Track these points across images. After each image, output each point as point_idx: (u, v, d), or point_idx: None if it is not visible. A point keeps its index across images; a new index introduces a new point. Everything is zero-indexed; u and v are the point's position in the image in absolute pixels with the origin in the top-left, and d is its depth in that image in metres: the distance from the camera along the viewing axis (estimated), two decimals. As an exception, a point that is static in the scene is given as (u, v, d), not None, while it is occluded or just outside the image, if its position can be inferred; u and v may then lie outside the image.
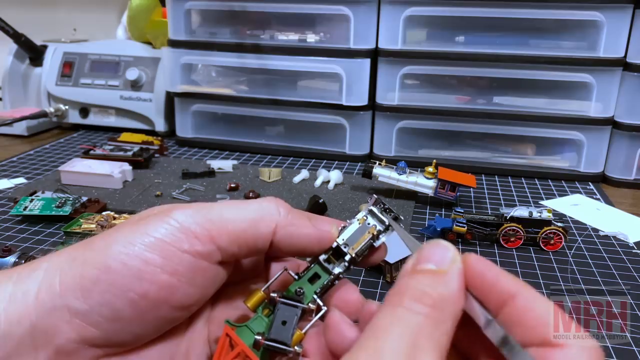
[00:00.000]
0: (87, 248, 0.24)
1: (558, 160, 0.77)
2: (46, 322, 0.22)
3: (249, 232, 0.25)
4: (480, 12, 0.71)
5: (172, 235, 0.24)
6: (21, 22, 0.97)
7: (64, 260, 0.24)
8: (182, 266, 0.24)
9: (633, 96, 0.71)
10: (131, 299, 0.23)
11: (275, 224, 0.26)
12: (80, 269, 0.23)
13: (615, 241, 0.54)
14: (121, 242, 0.24)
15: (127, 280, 0.23)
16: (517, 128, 0.75)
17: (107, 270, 0.23)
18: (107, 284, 0.23)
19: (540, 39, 0.74)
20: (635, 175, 0.74)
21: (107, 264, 0.23)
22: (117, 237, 0.24)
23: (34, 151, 0.82)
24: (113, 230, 0.25)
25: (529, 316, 0.20)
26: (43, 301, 0.23)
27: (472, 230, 0.52)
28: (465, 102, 0.77)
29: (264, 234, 0.26)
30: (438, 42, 0.77)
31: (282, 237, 0.26)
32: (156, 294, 0.23)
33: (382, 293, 0.43)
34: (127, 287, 0.23)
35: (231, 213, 0.25)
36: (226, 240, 0.25)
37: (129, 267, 0.23)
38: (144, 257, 0.23)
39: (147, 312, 0.23)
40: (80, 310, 0.23)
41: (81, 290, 0.23)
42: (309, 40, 0.79)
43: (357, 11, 0.74)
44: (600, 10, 0.68)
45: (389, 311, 0.20)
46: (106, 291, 0.23)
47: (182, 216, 0.25)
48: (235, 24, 0.83)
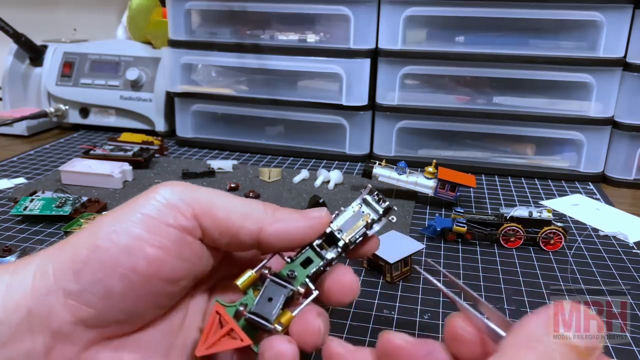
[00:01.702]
0: (77, 233, 0.25)
1: (558, 160, 0.77)
2: (42, 307, 0.23)
3: (232, 223, 0.26)
4: (480, 12, 0.71)
5: (158, 211, 0.25)
6: (21, 22, 0.97)
7: (56, 248, 0.25)
8: (169, 240, 0.25)
9: (633, 96, 0.71)
10: (122, 274, 0.24)
11: (261, 224, 0.26)
12: (71, 252, 0.24)
13: (615, 241, 0.54)
14: (109, 222, 0.25)
15: (116, 256, 0.24)
16: (517, 128, 0.75)
17: (96, 249, 0.24)
18: (97, 262, 0.24)
19: (540, 39, 0.74)
20: (635, 175, 0.74)
21: (96, 244, 0.24)
22: (106, 218, 0.25)
23: (34, 151, 0.82)
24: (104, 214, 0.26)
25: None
26: (38, 287, 0.23)
27: (472, 230, 0.52)
28: (465, 102, 0.77)
29: (248, 229, 0.26)
30: (438, 42, 0.77)
31: (272, 235, 0.26)
32: (145, 268, 0.24)
33: (382, 293, 0.43)
34: (117, 263, 0.24)
35: (219, 200, 0.26)
36: (209, 223, 0.26)
37: (117, 244, 0.24)
38: (131, 233, 0.24)
39: (138, 286, 0.24)
40: (73, 291, 0.23)
41: (73, 272, 0.24)
42: (309, 41, 0.79)
43: (357, 11, 0.74)
44: (600, 10, 0.68)
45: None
46: (97, 270, 0.24)
47: (168, 192, 0.26)
48: (235, 24, 0.83)
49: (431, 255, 0.50)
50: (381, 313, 0.40)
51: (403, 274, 0.45)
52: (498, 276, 0.47)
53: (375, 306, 0.41)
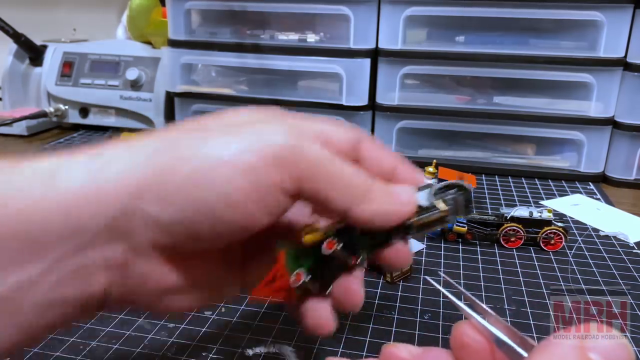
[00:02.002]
0: (176, 154, 0.23)
1: (558, 160, 0.77)
2: (123, 221, 0.22)
3: (327, 195, 0.25)
4: (481, 12, 0.71)
5: (265, 162, 0.23)
6: (21, 22, 0.97)
7: (148, 165, 0.23)
8: (267, 196, 0.23)
9: (633, 96, 0.70)
10: (212, 218, 0.23)
11: (351, 202, 0.25)
12: (169, 177, 0.22)
13: (615, 241, 0.54)
14: (214, 156, 0.23)
15: (213, 202, 0.22)
16: (517, 128, 0.75)
17: (193, 187, 0.22)
18: (192, 201, 0.22)
19: (541, 38, 0.74)
20: (636, 175, 0.74)
21: (196, 182, 0.22)
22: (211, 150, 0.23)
23: (34, 151, 0.82)
24: (209, 136, 0.23)
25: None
26: (122, 199, 0.22)
27: (472, 230, 0.52)
28: (466, 102, 0.77)
29: (338, 205, 0.25)
30: (438, 42, 0.77)
31: (357, 216, 0.26)
32: (238, 221, 0.23)
33: (382, 293, 0.43)
34: (212, 207, 0.22)
35: (327, 167, 0.25)
36: (307, 189, 0.24)
37: (217, 190, 0.22)
38: (235, 183, 0.22)
39: (222, 234, 0.23)
40: (158, 219, 0.22)
41: (164, 201, 0.22)
42: (309, 40, 0.79)
43: (357, 11, 0.74)
44: (600, 10, 0.68)
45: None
46: (188, 206, 0.22)
47: (280, 138, 0.24)
48: (235, 24, 0.83)
49: (431, 255, 0.50)
50: (381, 313, 0.40)
51: (403, 274, 0.45)
52: (498, 276, 0.47)
53: (375, 306, 0.41)
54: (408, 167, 0.30)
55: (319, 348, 0.36)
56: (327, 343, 0.36)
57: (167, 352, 0.35)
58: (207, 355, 0.35)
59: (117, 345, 0.36)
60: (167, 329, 0.38)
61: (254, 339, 0.37)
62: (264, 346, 0.36)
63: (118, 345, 0.36)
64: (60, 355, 0.35)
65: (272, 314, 0.40)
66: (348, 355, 0.35)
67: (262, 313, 0.40)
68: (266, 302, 0.27)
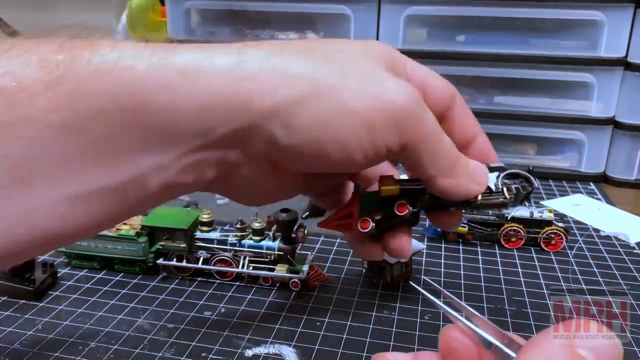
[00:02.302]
0: (312, 91, 0.24)
1: (559, 160, 0.76)
2: (248, 133, 0.24)
3: (423, 165, 0.28)
4: (481, 12, 0.71)
5: (382, 119, 0.25)
6: (20, 21, 0.97)
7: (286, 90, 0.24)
8: (373, 154, 0.26)
9: (634, 96, 0.70)
10: (323, 157, 0.25)
11: (438, 172, 0.28)
12: (301, 110, 0.24)
13: (616, 241, 0.54)
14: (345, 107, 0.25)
15: (330, 143, 0.25)
16: (517, 128, 0.75)
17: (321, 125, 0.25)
18: (313, 137, 0.25)
19: (541, 38, 0.74)
20: (637, 175, 0.74)
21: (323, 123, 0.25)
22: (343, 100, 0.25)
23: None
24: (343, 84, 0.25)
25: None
26: (253, 115, 0.24)
27: (473, 230, 0.52)
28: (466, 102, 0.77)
29: (426, 173, 0.28)
30: (438, 42, 0.77)
31: (439, 187, 0.29)
32: (343, 163, 0.26)
33: (382, 294, 0.43)
34: (327, 147, 0.25)
35: (431, 139, 0.27)
36: (407, 155, 0.27)
37: (338, 136, 0.25)
38: (355, 134, 0.25)
39: (324, 168, 0.27)
40: (278, 141, 0.25)
41: (289, 128, 0.24)
42: (309, 40, 0.79)
43: (358, 10, 0.74)
44: (601, 9, 0.68)
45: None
46: (308, 143, 0.25)
47: (401, 99, 0.26)
48: (234, 24, 0.83)
49: (432, 256, 0.50)
50: (381, 313, 0.40)
51: (403, 274, 0.45)
52: (499, 276, 0.46)
53: (375, 307, 0.41)
54: (486, 141, 0.33)
55: (319, 348, 0.36)
56: (327, 343, 0.36)
57: (167, 352, 0.35)
58: (207, 355, 0.35)
59: (117, 346, 0.36)
60: (167, 329, 0.38)
61: (254, 339, 0.37)
62: (264, 346, 0.36)
63: (118, 345, 0.36)
64: (60, 356, 0.35)
65: (272, 314, 0.40)
66: (348, 355, 0.35)
67: (262, 313, 0.40)
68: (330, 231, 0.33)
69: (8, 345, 0.36)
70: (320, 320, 0.39)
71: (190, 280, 0.45)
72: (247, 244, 0.43)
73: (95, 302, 0.41)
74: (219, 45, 0.24)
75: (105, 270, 0.46)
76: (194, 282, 0.44)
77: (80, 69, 0.21)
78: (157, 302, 0.41)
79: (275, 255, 0.43)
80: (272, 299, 0.42)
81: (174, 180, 0.24)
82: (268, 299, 0.42)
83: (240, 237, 0.44)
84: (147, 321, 0.39)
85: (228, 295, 0.42)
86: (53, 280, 0.43)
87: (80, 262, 0.46)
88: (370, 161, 0.26)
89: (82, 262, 0.46)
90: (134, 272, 0.45)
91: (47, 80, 0.21)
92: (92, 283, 0.44)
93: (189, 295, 0.42)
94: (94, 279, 0.44)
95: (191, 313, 0.40)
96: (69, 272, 0.45)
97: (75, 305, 0.41)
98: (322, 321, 0.39)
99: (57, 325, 0.38)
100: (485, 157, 0.33)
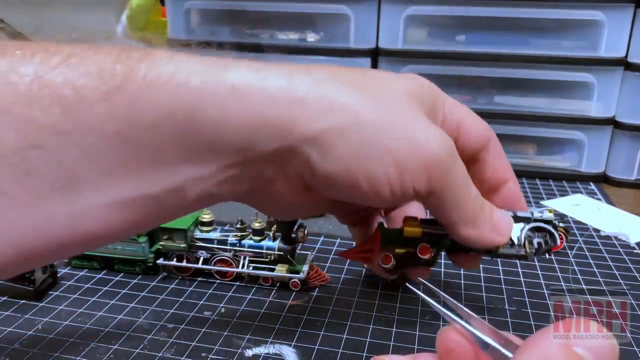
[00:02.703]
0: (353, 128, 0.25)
1: (559, 160, 0.76)
2: (286, 154, 0.25)
3: (446, 211, 0.29)
4: (481, 12, 0.71)
5: (416, 174, 0.27)
6: (20, 21, 0.97)
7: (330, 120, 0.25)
8: (405, 193, 0.27)
9: (634, 96, 0.70)
10: (354, 191, 0.27)
11: (458, 221, 0.29)
12: (339, 142, 0.25)
13: (616, 241, 0.54)
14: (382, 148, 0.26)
15: (362, 180, 0.26)
16: (518, 128, 0.75)
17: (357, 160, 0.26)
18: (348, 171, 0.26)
19: (541, 38, 0.74)
20: (637, 175, 0.74)
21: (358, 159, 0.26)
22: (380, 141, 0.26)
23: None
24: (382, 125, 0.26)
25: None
26: (295, 139, 0.25)
27: (472, 230, 0.52)
28: (466, 102, 0.77)
29: (448, 219, 0.30)
30: (439, 42, 0.77)
31: (460, 236, 0.30)
32: (371, 199, 0.28)
33: (382, 294, 0.43)
34: (359, 183, 0.26)
35: (457, 186, 0.28)
36: (431, 202, 0.29)
37: (371, 174, 0.26)
38: (388, 174, 0.26)
39: (351, 200, 0.29)
40: (315, 166, 0.26)
41: (327, 157, 0.25)
42: (309, 40, 0.78)
43: (358, 10, 0.74)
44: (601, 9, 0.68)
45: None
46: (343, 174, 0.26)
47: (431, 140, 0.27)
48: (235, 24, 0.83)
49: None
50: (382, 314, 0.40)
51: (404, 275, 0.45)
52: (499, 276, 0.46)
53: (375, 307, 0.41)
54: (516, 186, 0.34)
55: (318, 348, 0.36)
56: (327, 343, 0.36)
57: (167, 352, 0.35)
58: (207, 355, 0.35)
59: (117, 346, 0.36)
60: (167, 329, 0.38)
61: (254, 339, 0.37)
62: (264, 346, 0.36)
63: (118, 345, 0.36)
64: (60, 356, 0.35)
65: (272, 314, 0.40)
66: (348, 356, 0.35)
67: (262, 313, 0.40)
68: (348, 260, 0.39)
69: (8, 345, 0.36)
70: (320, 320, 0.39)
71: (190, 280, 0.45)
72: (247, 244, 0.43)
73: (95, 302, 0.41)
74: (270, 66, 0.25)
75: (105, 270, 0.46)
76: (194, 282, 0.44)
77: (137, 80, 0.22)
78: (157, 302, 0.41)
79: (275, 255, 0.43)
80: (272, 299, 0.42)
81: (211, 191, 0.25)
82: (268, 299, 0.42)
83: (240, 237, 0.44)
84: (147, 321, 0.39)
85: (228, 295, 0.42)
86: (53, 280, 0.43)
87: (80, 262, 0.46)
88: (397, 199, 0.28)
89: (82, 262, 0.46)
90: (134, 272, 0.45)
91: (104, 91, 0.21)
92: (92, 283, 0.44)
93: (189, 295, 0.42)
94: (94, 279, 0.45)
95: (191, 313, 0.40)
96: (69, 272, 0.45)
97: (75, 305, 0.41)
98: (322, 321, 0.39)
99: (57, 325, 0.38)
100: (514, 203, 0.34)
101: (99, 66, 0.22)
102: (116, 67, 0.22)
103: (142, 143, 0.22)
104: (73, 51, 0.22)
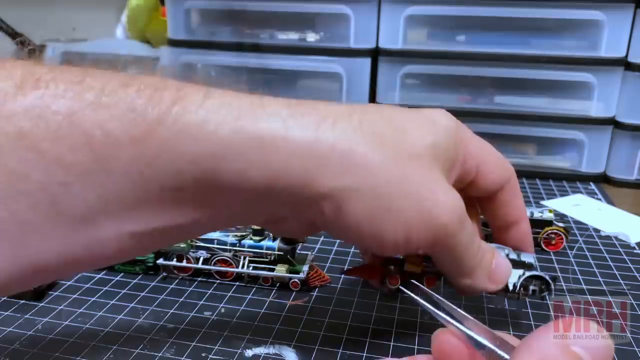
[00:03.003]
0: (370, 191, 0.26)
1: (559, 160, 0.76)
2: (302, 205, 0.26)
3: (451, 266, 0.31)
4: (481, 12, 0.71)
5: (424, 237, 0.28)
6: (20, 21, 0.97)
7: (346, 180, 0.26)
8: (409, 248, 0.29)
9: (634, 96, 0.70)
10: (361, 241, 0.30)
11: (459, 273, 0.31)
12: (353, 204, 0.26)
13: (616, 241, 0.54)
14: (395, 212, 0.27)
15: (369, 236, 0.28)
16: (518, 128, 0.75)
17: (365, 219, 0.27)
18: (357, 229, 0.27)
19: (541, 38, 0.74)
20: (637, 175, 0.74)
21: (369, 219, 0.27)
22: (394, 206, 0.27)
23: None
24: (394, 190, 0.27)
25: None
26: (313, 198, 0.26)
27: (472, 230, 0.52)
28: (466, 102, 0.77)
29: (450, 273, 0.31)
30: (439, 42, 0.77)
31: (458, 287, 0.32)
32: (376, 249, 0.31)
33: (382, 294, 0.43)
34: (365, 238, 0.28)
35: (462, 241, 0.29)
36: (437, 253, 0.30)
37: (379, 232, 0.27)
38: (396, 234, 0.28)
39: (359, 246, 0.35)
40: (327, 218, 0.27)
41: (340, 215, 0.27)
42: (309, 40, 0.78)
43: (358, 10, 0.74)
44: (601, 9, 0.68)
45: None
46: (353, 230, 0.27)
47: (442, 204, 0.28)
48: (235, 23, 0.83)
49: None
50: (381, 313, 0.40)
51: (403, 274, 0.45)
52: (499, 276, 0.46)
53: (375, 307, 0.41)
54: (527, 228, 0.35)
55: (318, 348, 0.36)
56: (327, 344, 0.36)
57: (167, 352, 0.35)
58: (207, 355, 0.35)
59: (117, 346, 0.36)
60: (167, 329, 0.38)
61: (254, 339, 0.37)
62: (264, 346, 0.36)
63: (118, 345, 0.36)
64: (60, 356, 0.35)
65: (272, 315, 0.40)
66: (348, 356, 0.35)
67: (262, 313, 0.40)
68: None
69: (8, 345, 0.36)
70: (320, 320, 0.39)
71: (190, 280, 0.45)
72: (247, 244, 0.43)
73: (96, 302, 0.41)
74: (301, 110, 0.26)
75: (105, 270, 0.46)
76: (194, 282, 0.44)
77: (167, 125, 0.23)
78: (157, 302, 0.41)
79: (275, 255, 0.43)
80: (272, 299, 0.42)
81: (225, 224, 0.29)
82: (268, 299, 0.42)
83: (240, 237, 0.44)
84: (147, 321, 0.39)
85: (228, 295, 0.42)
86: (53, 280, 0.43)
87: (80, 262, 0.46)
88: (400, 252, 0.30)
89: (82, 262, 0.46)
90: (134, 272, 0.45)
91: (133, 135, 0.22)
92: (92, 283, 0.44)
93: (189, 296, 0.42)
94: (94, 279, 0.44)
95: (191, 313, 0.40)
96: (68, 272, 0.45)
97: (75, 305, 0.41)
98: (322, 321, 0.39)
99: (57, 325, 0.38)
100: (522, 245, 0.35)
101: (130, 107, 0.22)
102: (147, 109, 0.23)
103: (164, 186, 0.23)
104: (106, 86, 0.22)
